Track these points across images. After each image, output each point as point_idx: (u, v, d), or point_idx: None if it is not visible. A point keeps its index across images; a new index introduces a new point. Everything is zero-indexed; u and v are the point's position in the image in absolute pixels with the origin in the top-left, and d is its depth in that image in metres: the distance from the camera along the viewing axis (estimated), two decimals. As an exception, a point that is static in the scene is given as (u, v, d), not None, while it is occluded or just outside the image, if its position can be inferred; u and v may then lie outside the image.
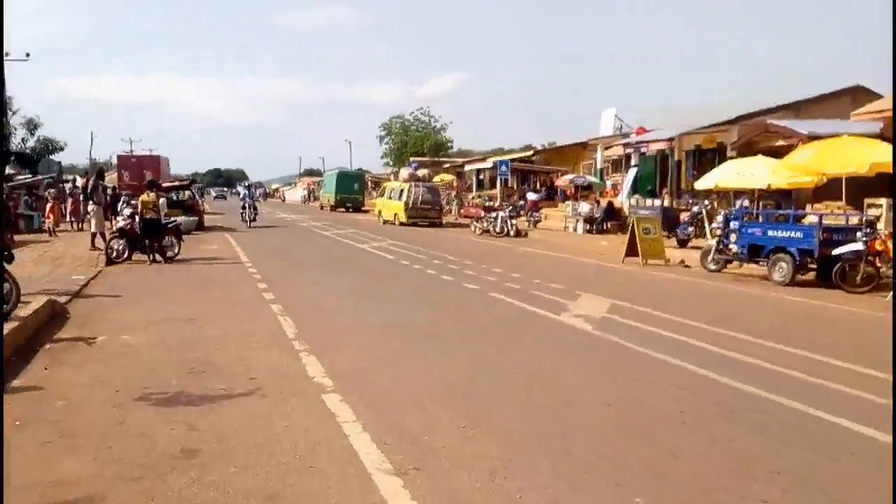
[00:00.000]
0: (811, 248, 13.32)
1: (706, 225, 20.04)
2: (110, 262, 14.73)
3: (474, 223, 28.37)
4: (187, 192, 27.53)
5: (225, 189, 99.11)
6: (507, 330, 8.46)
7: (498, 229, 26.34)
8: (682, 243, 20.12)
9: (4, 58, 33.26)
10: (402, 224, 30.83)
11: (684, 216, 20.93)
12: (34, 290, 10.87)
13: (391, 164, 72.72)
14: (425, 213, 31.47)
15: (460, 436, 4.81)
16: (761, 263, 14.56)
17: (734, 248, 15.15)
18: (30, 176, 30.67)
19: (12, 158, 33.86)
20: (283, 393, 5.75)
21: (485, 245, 22.23)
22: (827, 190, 17.45)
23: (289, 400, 5.57)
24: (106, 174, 39.52)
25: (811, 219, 15.03)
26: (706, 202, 20.61)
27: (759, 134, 27.52)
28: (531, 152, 51.69)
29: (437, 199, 33.03)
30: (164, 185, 21.74)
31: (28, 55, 37.60)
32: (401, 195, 31.93)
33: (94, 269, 13.65)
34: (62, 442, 4.69)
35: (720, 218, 16.28)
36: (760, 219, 15.39)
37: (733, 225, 15.25)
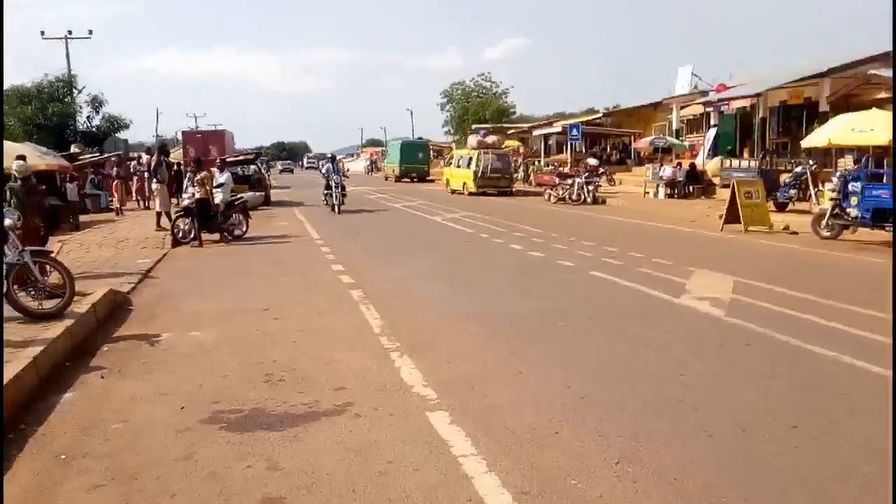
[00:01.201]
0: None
1: (810, 187, 18.23)
2: (177, 242, 14.04)
3: (548, 191, 26.95)
4: (253, 167, 26.83)
5: (290, 162, 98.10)
6: (625, 321, 7.20)
7: (574, 196, 24.90)
8: (782, 207, 18.38)
9: (67, 36, 33.06)
10: (471, 193, 29.63)
11: (785, 177, 19.07)
12: (99, 274, 10.23)
13: (452, 132, 71.44)
14: (495, 182, 30.16)
15: (615, 477, 3.67)
16: (887, 229, 12.88)
17: (854, 212, 13.46)
18: (97, 154, 30.54)
19: (79, 139, 33.83)
20: (378, 410, 4.71)
21: (565, 214, 20.86)
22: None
23: (387, 421, 4.52)
24: (171, 150, 39.60)
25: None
26: (811, 162, 18.70)
27: (857, 87, 25.25)
28: (600, 114, 49.49)
29: (508, 167, 31.63)
30: (228, 159, 20.99)
31: (91, 32, 37.76)
32: (469, 163, 30.67)
33: (160, 252, 12.96)
34: (115, 487, 3.75)
35: (835, 179, 14.55)
36: (886, 179, 13.60)
37: (853, 186, 13.55)
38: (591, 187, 25.09)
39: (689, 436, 4.19)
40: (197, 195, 14.30)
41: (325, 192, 22.77)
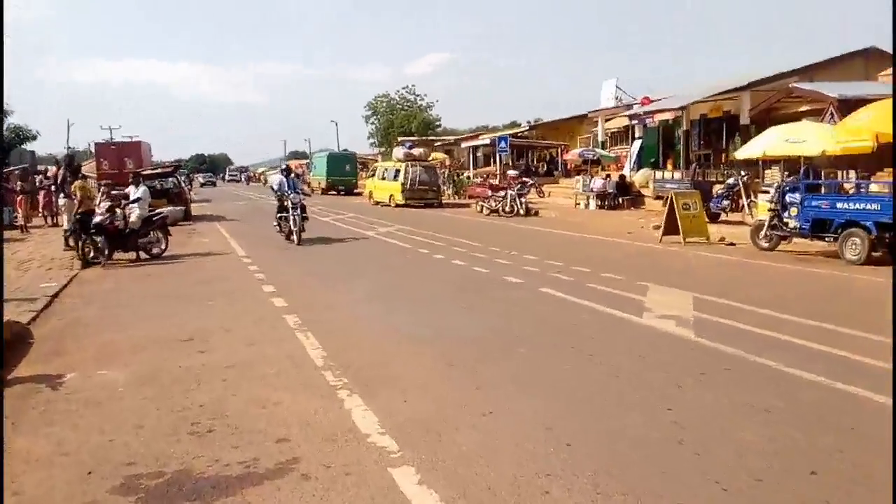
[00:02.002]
0: (890, 222, 11.61)
1: (743, 198, 18.35)
2: (87, 263, 12.80)
3: (480, 202, 26.54)
4: (172, 180, 25.40)
5: (212, 175, 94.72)
6: (591, 344, 6.63)
7: (507, 209, 24.55)
8: (714, 217, 18.42)
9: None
10: (398, 205, 29.30)
11: (717, 188, 19.14)
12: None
13: (378, 144, 70.78)
14: (423, 194, 30.00)
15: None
16: (827, 240, 12.88)
17: (793, 223, 13.43)
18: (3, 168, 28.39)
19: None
20: (331, 469, 3.95)
21: (500, 227, 20.41)
22: (877, 157, 15.80)
23: (343, 483, 3.77)
24: (84, 164, 37.34)
25: (874, 188, 13.38)
26: (742, 173, 18.81)
27: (778, 100, 25.85)
28: (525, 127, 49.72)
29: (435, 180, 31.55)
30: (145, 172, 19.68)
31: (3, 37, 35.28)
32: (396, 175, 30.42)
33: (68, 273, 11.75)
34: None
35: (771, 190, 14.55)
36: (825, 190, 13.64)
37: (791, 198, 13.52)
38: (523, 199, 24.81)
39: (700, 491, 3.60)
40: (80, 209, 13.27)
41: (279, 215, 16.41)
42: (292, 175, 17.05)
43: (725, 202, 18.42)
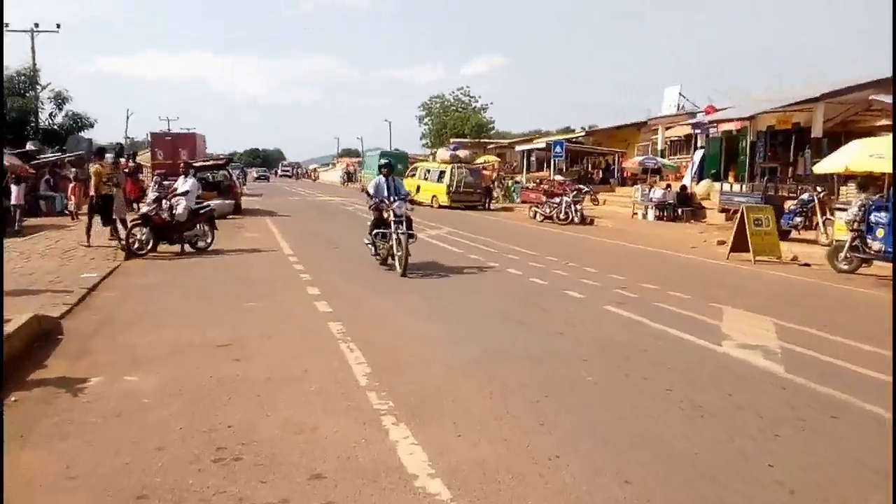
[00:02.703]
0: None
1: (818, 215, 17.21)
2: (131, 254, 12.50)
3: (534, 208, 25.77)
4: (223, 173, 25.27)
5: (266, 169, 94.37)
6: (667, 376, 5.88)
7: (562, 216, 23.74)
8: (784, 235, 17.31)
9: (33, 30, 31.23)
10: (440, 207, 29.18)
11: (789, 204, 18.01)
12: (33, 290, 8.74)
13: (430, 145, 70.42)
14: (468, 197, 29.94)
15: None
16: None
17: (878, 245, 12.39)
18: (59, 154, 28.75)
19: (39, 136, 31.74)
20: (374, 520, 3.34)
21: (555, 235, 19.65)
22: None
23: (387, 542, 3.15)
24: (140, 153, 37.71)
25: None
26: (818, 189, 17.66)
27: (855, 113, 24.47)
28: (581, 133, 48.66)
29: (479, 182, 31.28)
30: (196, 163, 19.47)
31: (59, 26, 35.91)
32: (440, 177, 30.36)
33: (111, 265, 11.44)
34: None
35: (853, 209, 13.48)
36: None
37: (877, 217, 12.48)
38: (578, 206, 23.99)
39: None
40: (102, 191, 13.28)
41: (376, 231, 11.64)
42: (392, 176, 12.02)
43: (798, 219, 17.30)
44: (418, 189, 17.99)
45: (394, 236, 11.05)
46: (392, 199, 11.41)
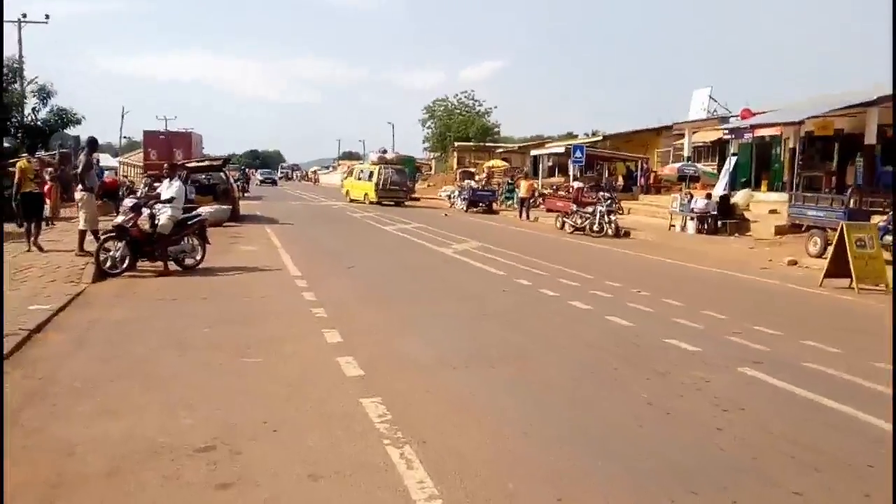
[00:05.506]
0: None
1: (910, 232, 14.82)
2: (102, 274, 10.10)
3: (562, 218, 23.43)
4: (220, 174, 22.82)
5: (271, 171, 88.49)
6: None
7: (596, 227, 21.40)
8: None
9: (21, 20, 28.87)
10: (371, 203, 32.78)
11: (879, 220, 15.58)
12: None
13: (433, 149, 68.40)
14: (394, 194, 33.65)
15: None
16: None
17: None
18: (43, 152, 26.42)
19: (21, 133, 29.19)
20: None
21: (596, 251, 17.29)
22: None
23: None
24: (133, 153, 35.39)
25: None
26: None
27: (912, 119, 22.18)
28: (599, 138, 46.40)
29: (404, 181, 35.24)
30: (189, 164, 17.07)
31: (48, 17, 33.61)
32: (370, 176, 34.10)
33: (73, 289, 9.03)
34: None
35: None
36: None
37: None
38: (612, 217, 21.67)
39: None
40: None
41: None
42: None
43: (888, 237, 14.92)
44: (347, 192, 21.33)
45: None
46: None
